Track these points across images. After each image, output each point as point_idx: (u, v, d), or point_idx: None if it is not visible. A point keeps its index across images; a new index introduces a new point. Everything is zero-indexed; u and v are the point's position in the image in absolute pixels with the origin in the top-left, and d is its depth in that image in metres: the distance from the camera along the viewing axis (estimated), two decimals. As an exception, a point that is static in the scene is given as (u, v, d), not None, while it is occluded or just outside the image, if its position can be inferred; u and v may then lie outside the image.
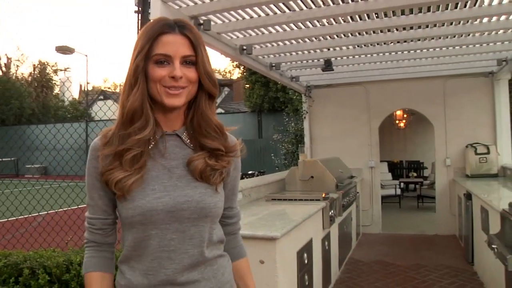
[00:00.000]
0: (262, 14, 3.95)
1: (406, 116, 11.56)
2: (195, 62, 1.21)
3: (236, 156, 1.34)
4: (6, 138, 19.89)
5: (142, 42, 1.19)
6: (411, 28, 4.47)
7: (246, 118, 18.02)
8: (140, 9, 3.30)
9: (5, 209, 4.72)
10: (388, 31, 4.60)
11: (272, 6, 3.75)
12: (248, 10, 3.83)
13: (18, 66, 32.05)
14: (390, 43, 5.08)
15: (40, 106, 28.06)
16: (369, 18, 4.15)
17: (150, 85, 1.20)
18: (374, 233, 7.12)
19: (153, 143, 1.24)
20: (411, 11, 4.00)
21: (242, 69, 17.58)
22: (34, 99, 28.05)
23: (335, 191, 4.80)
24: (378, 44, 5.05)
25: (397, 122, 11.65)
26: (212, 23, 3.82)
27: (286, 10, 3.85)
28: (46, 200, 4.75)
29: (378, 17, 4.10)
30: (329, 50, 5.37)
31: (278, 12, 3.89)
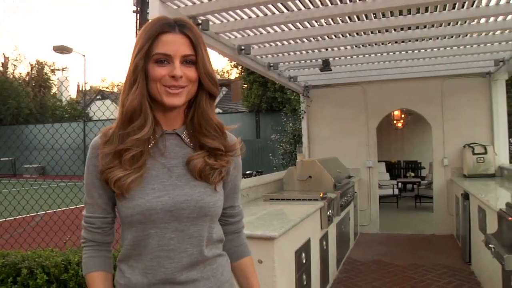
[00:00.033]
0: (261, 14, 3.95)
1: (403, 116, 11.58)
2: (195, 61, 1.21)
3: (235, 155, 1.34)
4: (4, 138, 19.81)
5: (142, 41, 1.19)
6: (409, 28, 4.49)
7: (244, 118, 18.01)
8: (138, 9, 3.29)
9: (3, 208, 4.72)
10: (386, 32, 4.60)
11: (270, 6, 3.76)
12: (246, 10, 3.84)
13: (15, 66, 31.97)
14: (388, 43, 5.09)
15: (37, 106, 27.98)
16: (367, 19, 4.16)
17: (150, 84, 1.20)
18: (372, 233, 7.13)
19: (153, 142, 1.24)
20: (409, 12, 4.01)
21: (240, 69, 17.56)
22: (31, 99, 27.97)
23: (333, 191, 4.80)
24: (376, 44, 5.06)
25: (395, 122, 11.67)
26: (210, 23, 3.83)
27: (284, 10, 3.85)
28: (44, 199, 4.75)
29: (376, 17, 4.11)
30: (327, 50, 5.38)
31: (276, 12, 3.89)
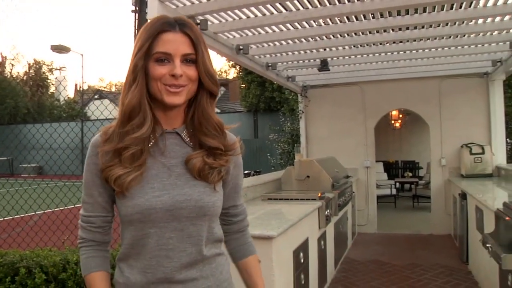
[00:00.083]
0: (259, 14, 3.96)
1: (401, 116, 11.60)
2: (196, 60, 1.21)
3: (234, 154, 1.34)
4: (2, 137, 19.78)
5: (142, 40, 1.19)
6: (407, 28, 4.50)
7: (242, 118, 18.00)
8: (137, 8, 3.30)
9: (1, 208, 4.70)
10: (384, 32, 4.62)
11: (268, 6, 3.76)
12: (245, 10, 3.84)
13: (13, 65, 31.91)
14: (386, 44, 5.10)
15: (35, 106, 27.93)
16: (365, 19, 4.17)
17: (150, 83, 1.20)
18: (370, 232, 7.15)
19: (153, 141, 1.24)
20: (407, 12, 4.02)
21: (238, 68, 17.56)
22: (29, 99, 27.92)
23: (331, 191, 4.82)
24: (374, 44, 5.08)
25: (392, 122, 11.69)
26: (208, 23, 3.83)
27: (283, 10, 3.86)
28: (42, 199, 4.74)
29: (374, 17, 4.12)
30: (325, 50, 5.39)
31: (275, 12, 3.90)
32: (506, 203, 3.11)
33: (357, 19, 4.20)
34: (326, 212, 4.25)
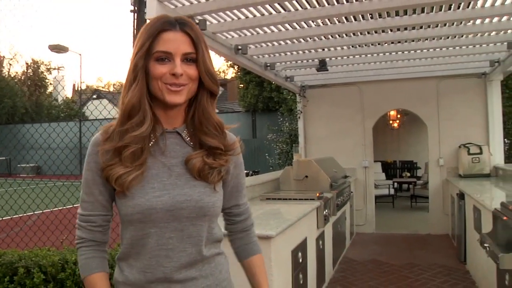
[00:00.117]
0: (258, 14, 3.96)
1: (399, 116, 11.61)
2: (196, 59, 1.21)
3: (234, 154, 1.34)
4: (0, 137, 19.75)
5: (143, 40, 1.19)
6: (405, 29, 4.51)
7: (240, 118, 18.00)
8: (136, 8, 3.30)
9: (-1, 208, 4.70)
10: (382, 32, 4.63)
11: (267, 6, 3.77)
12: (243, 10, 3.85)
13: (11, 65, 31.83)
14: (384, 44, 5.11)
15: (33, 105, 27.88)
16: (363, 19, 4.18)
17: (151, 82, 1.20)
18: (368, 232, 7.16)
19: (153, 140, 1.24)
20: (405, 12, 4.03)
21: (236, 68, 17.56)
22: (27, 98, 27.87)
23: (329, 191, 4.82)
24: (372, 44, 5.08)
25: (390, 122, 11.70)
26: (207, 23, 3.84)
27: (281, 10, 3.87)
28: (41, 199, 4.74)
29: (372, 17, 4.13)
30: (323, 50, 5.39)
31: (273, 12, 3.90)
32: (503, 203, 3.12)
33: (355, 20, 4.21)
34: (325, 212, 4.26)
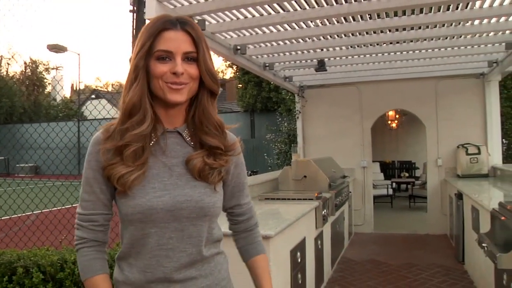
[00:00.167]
0: (256, 14, 3.97)
1: (398, 116, 11.63)
2: (197, 58, 1.21)
3: (234, 154, 1.34)
4: (-1, 137, 19.74)
5: (143, 39, 1.20)
6: (404, 29, 4.52)
7: (239, 118, 17.97)
8: (135, 8, 3.30)
9: (-2, 208, 4.70)
10: (381, 32, 4.63)
11: (266, 7, 3.77)
12: (242, 10, 3.85)
13: (9, 64, 31.76)
14: (383, 44, 5.12)
15: (31, 105, 27.83)
16: (362, 19, 4.19)
17: (152, 81, 1.20)
18: (366, 232, 7.17)
19: (154, 140, 1.24)
20: (404, 13, 4.04)
21: (235, 68, 17.56)
22: (26, 98, 27.82)
23: (328, 191, 4.83)
24: (371, 45, 5.09)
25: (389, 122, 11.71)
26: (206, 23, 3.85)
27: (280, 11, 3.87)
28: (40, 198, 4.73)
29: (371, 18, 4.13)
30: (322, 50, 5.40)
31: (272, 12, 3.91)
32: (501, 203, 3.13)
33: (354, 20, 4.22)
34: (323, 212, 4.27)
